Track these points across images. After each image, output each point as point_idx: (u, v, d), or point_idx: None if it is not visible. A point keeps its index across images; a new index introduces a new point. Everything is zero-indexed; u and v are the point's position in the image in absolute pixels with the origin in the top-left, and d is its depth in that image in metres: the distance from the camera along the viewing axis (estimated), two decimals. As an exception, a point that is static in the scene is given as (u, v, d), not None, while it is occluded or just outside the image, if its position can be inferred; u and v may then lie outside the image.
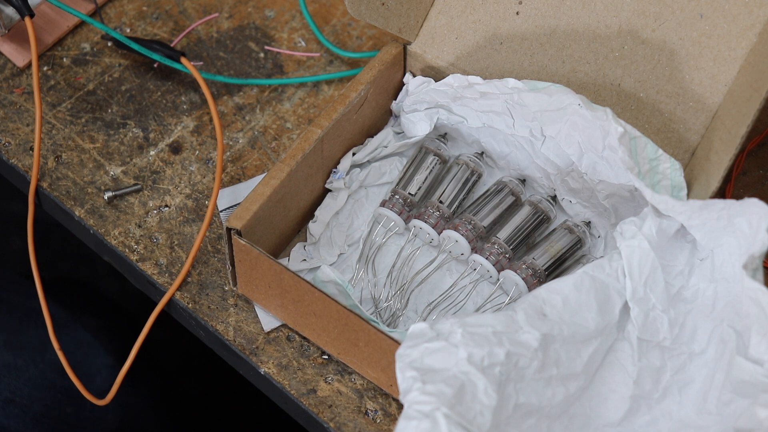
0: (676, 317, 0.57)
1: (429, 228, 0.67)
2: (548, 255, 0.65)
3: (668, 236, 0.57)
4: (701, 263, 0.57)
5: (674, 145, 0.63)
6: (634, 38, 0.64)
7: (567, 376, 0.54)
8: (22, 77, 0.78)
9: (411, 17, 0.69)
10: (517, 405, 0.52)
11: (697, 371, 0.56)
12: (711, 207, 0.55)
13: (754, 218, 0.53)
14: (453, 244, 0.67)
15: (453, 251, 0.67)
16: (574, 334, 0.54)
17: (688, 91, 0.63)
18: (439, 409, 0.46)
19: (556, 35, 0.67)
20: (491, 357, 0.50)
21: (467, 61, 0.69)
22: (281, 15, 0.81)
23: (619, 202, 0.63)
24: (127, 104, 0.77)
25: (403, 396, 0.48)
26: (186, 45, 0.80)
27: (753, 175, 0.73)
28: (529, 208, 0.67)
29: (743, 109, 0.58)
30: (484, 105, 0.65)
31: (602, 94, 0.65)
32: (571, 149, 0.62)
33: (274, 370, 0.65)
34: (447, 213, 0.68)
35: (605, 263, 0.56)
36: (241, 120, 0.76)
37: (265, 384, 0.66)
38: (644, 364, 0.57)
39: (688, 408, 0.56)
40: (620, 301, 0.56)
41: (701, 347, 0.57)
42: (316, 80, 0.78)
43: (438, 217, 0.67)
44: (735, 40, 0.62)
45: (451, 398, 0.47)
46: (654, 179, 0.59)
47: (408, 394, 0.48)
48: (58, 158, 0.74)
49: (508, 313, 0.53)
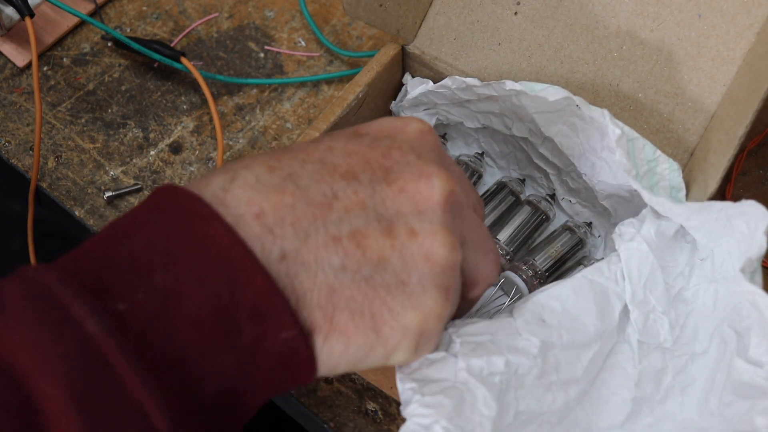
0: (676, 318, 0.57)
1: None
2: (549, 256, 0.66)
3: (667, 237, 0.57)
4: (701, 263, 0.57)
5: (673, 145, 0.63)
6: (633, 39, 0.64)
7: (567, 381, 0.54)
8: (22, 77, 0.78)
9: (409, 18, 0.69)
10: (517, 412, 0.52)
11: (698, 372, 0.56)
12: (709, 209, 0.55)
13: (752, 220, 0.53)
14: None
15: None
16: (573, 339, 0.54)
17: (686, 92, 0.63)
18: (439, 422, 0.46)
19: (555, 36, 0.66)
20: (490, 366, 0.50)
21: (465, 62, 0.69)
22: (281, 15, 0.81)
23: (619, 203, 0.63)
24: (127, 104, 0.77)
25: (404, 408, 0.48)
26: (186, 45, 0.80)
27: (753, 175, 0.73)
28: (529, 208, 0.67)
29: (742, 110, 0.58)
30: (482, 107, 0.65)
31: (601, 94, 0.65)
32: (570, 150, 0.62)
33: (274, 370, 0.65)
34: None
35: (604, 266, 0.56)
36: (241, 120, 0.76)
37: (265, 384, 0.67)
38: (645, 366, 0.57)
39: (690, 409, 0.56)
40: (620, 304, 0.56)
41: (702, 348, 0.57)
42: (316, 80, 0.78)
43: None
44: (733, 41, 0.62)
45: (451, 410, 0.47)
46: (652, 180, 0.59)
47: (408, 406, 0.48)
48: (58, 158, 0.74)
49: (507, 320, 0.53)
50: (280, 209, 0.39)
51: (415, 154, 0.43)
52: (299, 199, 0.40)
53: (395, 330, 0.41)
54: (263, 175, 0.40)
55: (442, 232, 0.42)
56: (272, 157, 0.42)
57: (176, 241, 0.38)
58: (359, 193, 0.41)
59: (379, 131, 0.44)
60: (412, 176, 0.42)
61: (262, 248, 0.39)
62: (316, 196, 0.40)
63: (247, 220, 0.39)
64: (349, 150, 0.42)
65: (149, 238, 0.39)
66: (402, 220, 0.41)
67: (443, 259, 0.42)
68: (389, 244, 0.41)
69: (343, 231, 0.40)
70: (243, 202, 0.39)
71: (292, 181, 0.40)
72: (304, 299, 0.39)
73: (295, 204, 0.40)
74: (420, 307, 0.41)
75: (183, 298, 0.38)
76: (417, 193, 0.42)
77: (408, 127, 0.45)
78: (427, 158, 0.43)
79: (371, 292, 0.40)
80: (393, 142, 0.43)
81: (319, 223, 0.40)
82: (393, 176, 0.42)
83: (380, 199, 0.41)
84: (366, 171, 0.42)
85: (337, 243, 0.40)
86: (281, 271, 0.39)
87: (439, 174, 0.42)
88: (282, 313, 0.39)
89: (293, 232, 0.39)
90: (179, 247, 0.38)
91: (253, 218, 0.39)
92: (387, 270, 0.41)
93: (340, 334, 0.40)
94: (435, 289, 0.42)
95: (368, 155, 0.42)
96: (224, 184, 0.40)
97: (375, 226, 0.41)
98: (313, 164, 0.41)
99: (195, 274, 0.38)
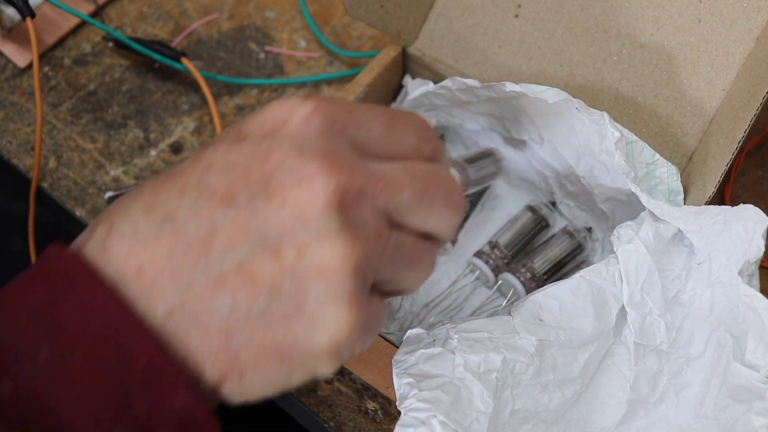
0: (673, 321, 0.57)
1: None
2: (547, 259, 0.66)
3: (665, 240, 0.57)
4: (698, 267, 0.57)
5: (671, 149, 0.64)
6: (633, 42, 0.64)
7: (563, 381, 0.54)
8: (23, 78, 0.78)
9: (410, 19, 0.69)
10: (513, 411, 0.52)
11: (694, 375, 0.56)
12: (707, 212, 0.55)
13: (750, 224, 0.53)
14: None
15: (446, 250, 0.68)
16: (570, 339, 0.54)
17: (685, 96, 0.63)
18: (436, 417, 0.47)
19: (555, 39, 0.67)
20: (487, 363, 0.50)
21: (466, 64, 0.69)
22: (281, 15, 0.82)
23: (617, 206, 0.64)
24: (128, 105, 0.77)
25: (400, 402, 0.49)
26: (186, 45, 0.80)
27: (752, 176, 0.73)
28: (529, 214, 0.68)
29: (740, 114, 0.58)
30: (482, 108, 0.65)
31: (600, 98, 0.65)
32: (569, 153, 0.63)
33: (273, 371, 0.66)
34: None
35: (602, 268, 0.56)
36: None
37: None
38: (641, 369, 0.57)
39: (685, 412, 0.56)
40: (617, 306, 0.56)
41: (698, 351, 0.57)
42: (316, 80, 0.78)
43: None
44: (733, 45, 0.62)
45: (448, 405, 0.47)
46: (650, 184, 0.59)
47: (405, 400, 0.48)
48: (59, 158, 0.74)
49: (505, 318, 0.53)
50: (158, 261, 0.37)
51: (297, 151, 0.38)
52: (177, 244, 0.37)
53: (306, 355, 0.38)
54: (140, 221, 0.38)
55: (331, 238, 0.38)
56: (152, 191, 0.39)
57: (60, 312, 0.36)
58: (239, 220, 0.38)
59: (260, 128, 0.40)
60: (292, 183, 0.38)
61: (146, 308, 0.37)
62: (194, 236, 0.37)
63: (128, 279, 0.37)
64: (229, 163, 0.39)
65: (32, 311, 0.37)
66: (288, 238, 0.38)
67: (337, 267, 0.38)
68: (278, 268, 0.38)
69: (227, 269, 0.37)
70: (122, 257, 0.37)
71: (168, 222, 0.38)
72: (202, 352, 0.37)
73: (172, 251, 0.37)
74: (324, 328, 0.38)
75: (70, 373, 0.36)
76: (298, 203, 0.38)
77: (293, 117, 0.40)
78: (309, 154, 0.38)
79: (269, 325, 0.38)
80: (273, 140, 0.39)
81: (201, 266, 0.37)
82: (273, 188, 0.38)
83: (262, 220, 0.38)
84: (245, 188, 0.38)
85: (223, 284, 0.37)
86: (170, 329, 0.37)
87: (320, 171, 0.38)
88: (176, 377, 0.37)
89: (175, 286, 0.37)
90: (63, 317, 0.36)
91: (134, 277, 0.37)
92: (281, 297, 0.38)
93: (252, 371, 0.38)
94: (336, 304, 0.38)
95: (247, 167, 0.38)
96: (104, 236, 0.38)
97: (260, 253, 0.38)
98: (191, 193, 0.38)
99: (81, 347, 0.36)
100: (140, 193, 0.39)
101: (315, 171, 0.38)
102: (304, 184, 0.38)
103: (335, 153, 0.39)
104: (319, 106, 0.40)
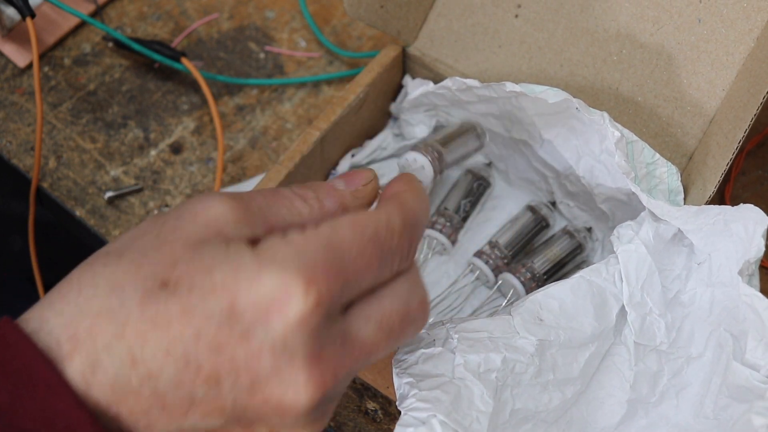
0: (673, 321, 0.57)
1: (439, 236, 0.67)
2: (547, 259, 0.66)
3: (665, 240, 0.57)
4: (698, 267, 0.57)
5: (672, 149, 0.64)
6: (633, 42, 0.64)
7: (563, 381, 0.54)
8: (23, 77, 0.78)
9: (410, 20, 0.69)
10: (513, 411, 0.52)
11: (694, 375, 0.56)
12: (707, 212, 0.55)
13: (750, 223, 0.53)
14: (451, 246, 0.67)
15: (446, 250, 0.68)
16: (570, 339, 0.54)
17: (685, 96, 0.63)
18: (436, 416, 0.47)
19: (555, 39, 0.67)
20: (487, 363, 0.50)
21: (466, 64, 0.69)
22: (281, 15, 0.82)
23: (617, 206, 0.64)
24: (128, 104, 0.77)
25: (400, 402, 0.49)
26: (186, 45, 0.80)
27: (752, 175, 0.73)
28: (529, 214, 0.68)
29: (740, 114, 0.58)
30: (482, 108, 0.65)
31: (600, 98, 0.65)
32: (569, 153, 0.63)
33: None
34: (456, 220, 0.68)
35: (602, 267, 0.56)
36: (242, 120, 0.77)
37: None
38: (641, 369, 0.57)
39: (685, 412, 0.56)
40: (617, 306, 0.56)
41: (698, 351, 0.57)
42: (316, 80, 0.78)
43: (443, 223, 0.68)
44: (733, 45, 0.62)
45: (448, 405, 0.47)
46: (651, 183, 0.59)
47: (405, 400, 0.48)
48: (59, 158, 0.74)
49: (505, 318, 0.53)
50: (135, 414, 0.39)
51: (288, 355, 0.39)
52: (154, 405, 0.39)
53: None
54: (123, 370, 0.39)
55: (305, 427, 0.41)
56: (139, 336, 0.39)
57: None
58: (218, 400, 0.39)
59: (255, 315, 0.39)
60: (279, 387, 0.39)
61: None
62: (172, 402, 0.39)
63: (107, 420, 0.39)
64: (218, 343, 0.39)
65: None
66: (264, 423, 0.41)
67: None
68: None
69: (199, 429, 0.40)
70: (102, 402, 0.39)
71: (150, 384, 0.39)
72: None
73: (149, 410, 0.39)
74: None
75: None
76: (281, 405, 0.40)
77: (286, 310, 0.39)
78: (300, 362, 0.39)
79: None
80: (266, 335, 0.39)
81: (174, 427, 0.40)
82: (258, 386, 0.39)
83: (241, 408, 0.40)
84: (230, 376, 0.39)
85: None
86: None
87: (308, 383, 0.39)
88: None
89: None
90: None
91: (112, 418, 0.39)
92: None
93: None
94: None
95: (236, 354, 0.39)
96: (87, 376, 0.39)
97: (234, 426, 0.41)
98: (176, 361, 0.39)
99: None
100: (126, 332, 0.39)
101: (303, 382, 0.39)
102: (291, 392, 0.39)
103: (324, 359, 0.40)
104: (320, 300, 0.39)
